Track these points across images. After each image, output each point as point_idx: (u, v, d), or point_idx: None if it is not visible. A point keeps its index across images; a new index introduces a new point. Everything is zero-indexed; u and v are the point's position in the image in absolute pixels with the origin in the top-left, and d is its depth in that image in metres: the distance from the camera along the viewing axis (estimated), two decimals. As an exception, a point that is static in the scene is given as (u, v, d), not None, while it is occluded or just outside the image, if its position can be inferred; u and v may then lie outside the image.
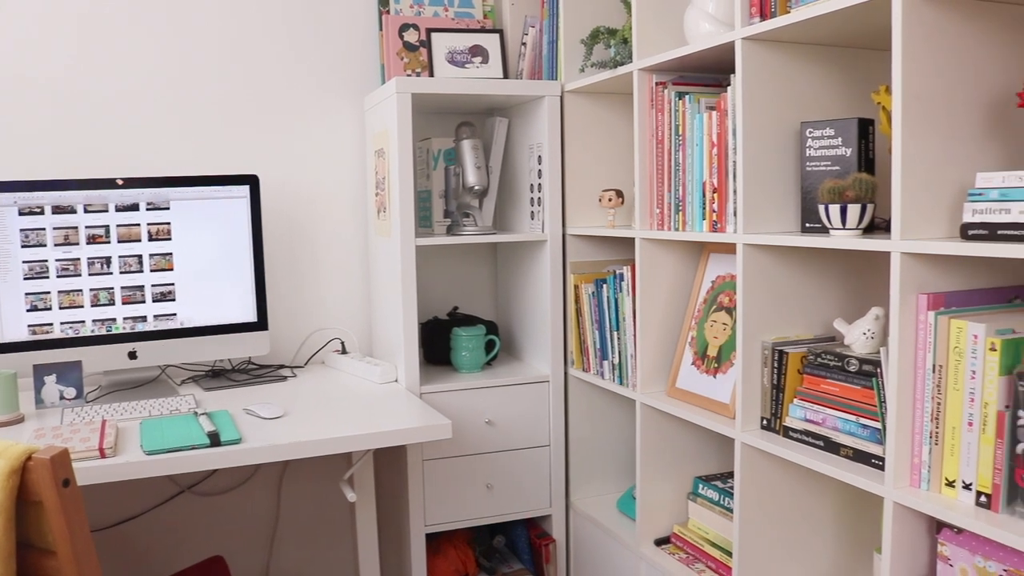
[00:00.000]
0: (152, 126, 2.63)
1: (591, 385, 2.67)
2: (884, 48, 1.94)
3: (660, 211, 2.18)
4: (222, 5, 2.67)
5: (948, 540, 1.54)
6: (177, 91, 2.65)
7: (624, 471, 2.77)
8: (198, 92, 2.67)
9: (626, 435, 2.76)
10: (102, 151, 2.59)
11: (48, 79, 2.52)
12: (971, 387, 1.42)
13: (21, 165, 2.51)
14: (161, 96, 2.63)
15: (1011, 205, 1.33)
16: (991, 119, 1.56)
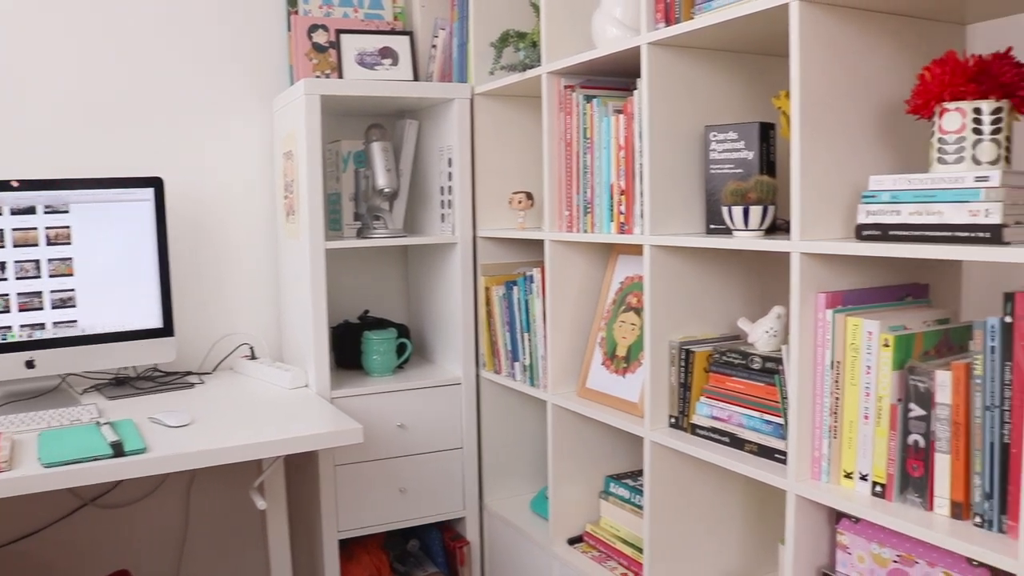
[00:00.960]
0: (50, 126, 2.54)
1: (503, 387, 2.68)
2: (784, 55, 2.00)
3: (569, 213, 2.20)
4: (124, 0, 2.60)
5: (847, 529, 1.60)
6: (77, 89, 2.57)
7: (537, 472, 2.78)
8: (99, 90, 2.59)
9: (538, 436, 2.78)
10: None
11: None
12: (867, 382, 1.47)
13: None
14: (60, 94, 2.55)
15: (901, 207, 1.38)
16: (883, 124, 1.62)
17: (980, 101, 1.37)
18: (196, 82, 2.70)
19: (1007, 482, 1.30)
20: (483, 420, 2.68)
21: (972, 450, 1.34)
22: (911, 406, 1.42)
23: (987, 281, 1.91)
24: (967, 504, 1.37)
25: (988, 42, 1.77)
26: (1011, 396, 1.28)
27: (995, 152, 1.36)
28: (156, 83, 2.65)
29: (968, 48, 1.78)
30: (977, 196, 1.29)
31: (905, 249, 1.35)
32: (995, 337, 1.28)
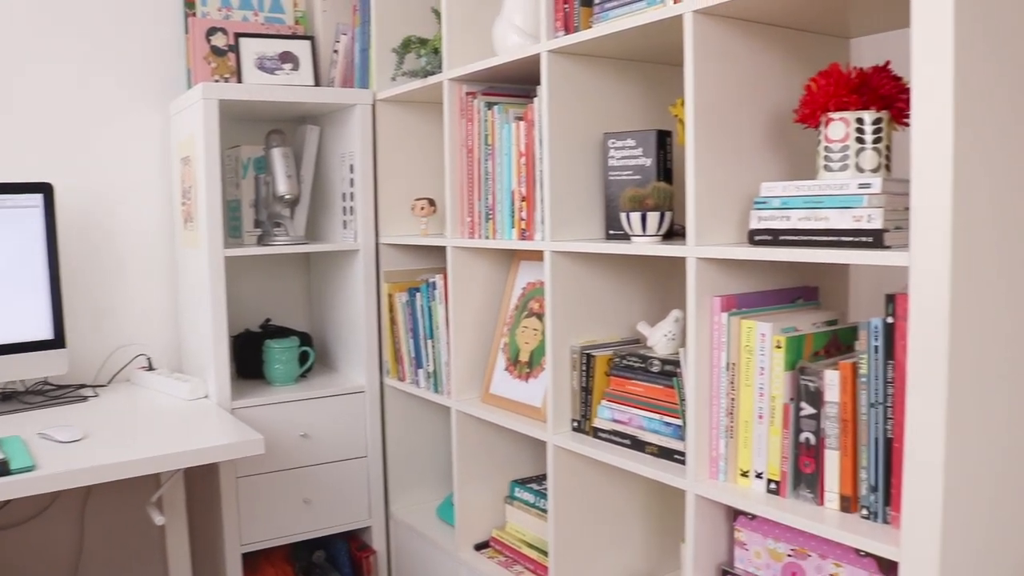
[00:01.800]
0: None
1: (407, 394, 2.67)
2: (680, 64, 2.05)
3: (471, 220, 2.21)
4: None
5: (744, 526, 1.64)
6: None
7: (443, 478, 2.78)
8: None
9: (443, 442, 2.77)
10: None
11: None
12: (760, 383, 1.52)
13: None
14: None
15: (791, 213, 1.43)
16: (774, 133, 1.68)
17: (862, 112, 1.43)
18: (89, 84, 2.62)
19: (890, 475, 1.35)
20: (388, 428, 2.66)
21: (858, 446, 1.40)
22: (802, 405, 1.47)
23: (873, 283, 1.99)
24: (855, 497, 1.42)
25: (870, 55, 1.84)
26: (893, 393, 1.33)
27: (876, 160, 1.42)
28: (47, 85, 2.56)
29: (852, 61, 1.85)
30: (860, 202, 1.34)
31: (794, 253, 1.40)
32: (878, 337, 1.34)
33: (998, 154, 1.26)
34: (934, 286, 1.20)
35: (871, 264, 1.33)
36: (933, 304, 1.21)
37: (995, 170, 1.26)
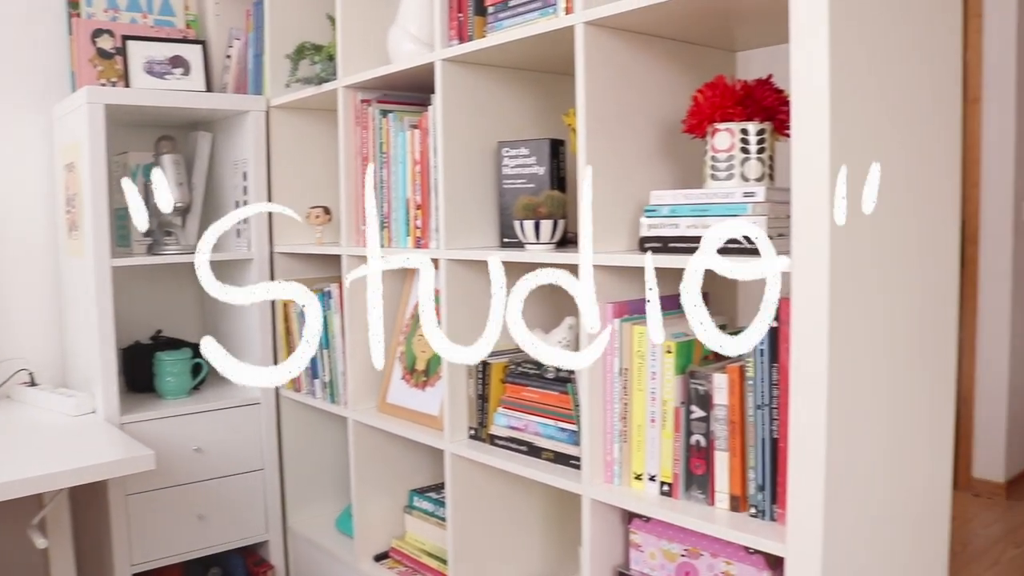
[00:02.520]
0: None
1: (303, 405, 2.63)
2: (573, 73, 2.07)
3: (366, 228, 2.19)
4: None
5: (639, 528, 1.67)
6: None
7: (341, 490, 2.75)
8: None
9: (341, 453, 2.74)
10: None
11: None
12: (652, 387, 1.55)
13: None
14: None
15: (679, 220, 1.47)
16: (664, 142, 1.72)
17: (747, 123, 1.47)
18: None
19: (777, 474, 1.40)
20: (284, 439, 2.62)
21: (747, 447, 1.44)
22: (693, 408, 1.50)
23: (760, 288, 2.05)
24: (744, 497, 1.46)
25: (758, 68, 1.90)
26: (778, 395, 1.38)
27: (760, 170, 1.46)
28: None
29: (738, 73, 1.91)
30: (745, 210, 1.38)
31: (683, 260, 1.43)
32: (763, 340, 1.38)
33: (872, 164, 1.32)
34: (813, 291, 1.25)
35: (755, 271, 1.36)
36: (813, 308, 1.25)
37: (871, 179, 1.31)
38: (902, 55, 1.38)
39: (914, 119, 1.42)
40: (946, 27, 1.49)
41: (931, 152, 1.46)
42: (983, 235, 3.92)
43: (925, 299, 1.48)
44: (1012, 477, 4.02)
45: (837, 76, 1.23)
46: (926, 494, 1.54)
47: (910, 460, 1.48)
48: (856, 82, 1.28)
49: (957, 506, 3.83)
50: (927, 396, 1.51)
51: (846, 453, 1.31)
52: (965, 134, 3.93)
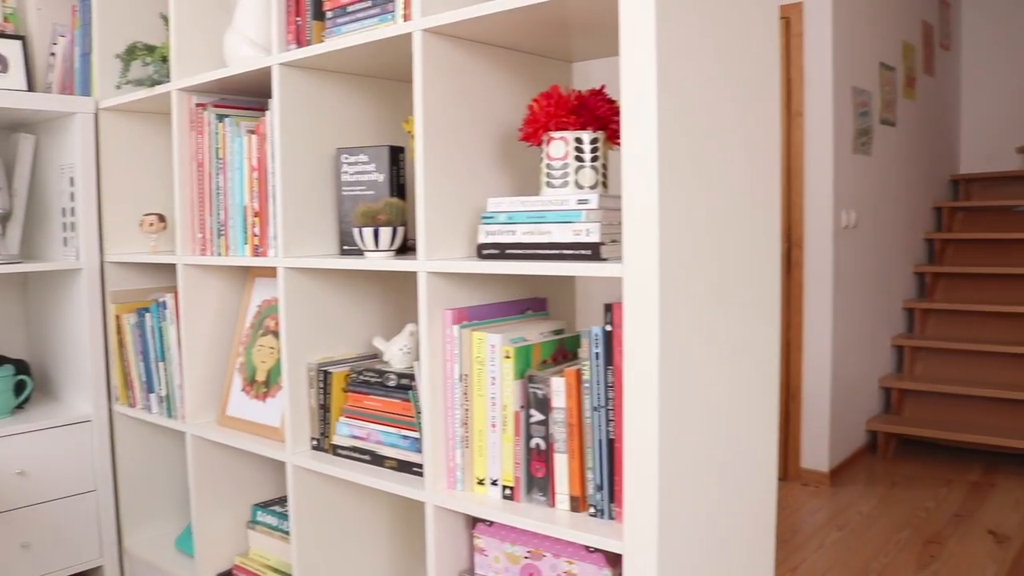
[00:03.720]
0: None
1: (139, 420, 2.52)
2: (412, 80, 2.07)
3: (202, 236, 2.12)
4: None
5: (482, 533, 1.68)
6: None
7: (182, 507, 2.64)
8: None
9: (181, 470, 2.64)
10: None
11: None
12: (492, 392, 1.56)
13: None
14: None
15: (516, 227, 1.49)
16: (502, 150, 1.74)
17: (581, 132, 1.51)
18: None
19: (614, 474, 1.43)
20: (118, 458, 2.49)
21: (585, 448, 1.47)
22: (532, 412, 1.53)
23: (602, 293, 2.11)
24: (583, 497, 1.49)
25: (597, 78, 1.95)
26: (614, 397, 1.41)
27: (594, 177, 1.50)
28: None
29: (575, 83, 1.96)
30: (579, 217, 1.42)
31: (519, 266, 1.45)
32: (599, 344, 1.41)
33: (700, 172, 1.37)
34: (644, 295, 1.29)
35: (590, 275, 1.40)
36: (643, 312, 1.29)
37: (697, 187, 1.37)
38: (726, 69, 1.45)
39: (737, 131, 1.49)
40: (765, 42, 1.57)
41: (754, 161, 1.54)
42: (807, 240, 4.15)
43: (749, 301, 1.55)
44: (835, 466, 4.27)
45: (664, 87, 1.28)
46: (754, 486, 1.62)
47: (738, 455, 1.55)
48: (683, 93, 1.33)
49: (787, 495, 4.04)
50: (753, 394, 1.58)
51: (678, 451, 1.36)
52: (789, 145, 4.16)
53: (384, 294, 2.06)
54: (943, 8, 5.69)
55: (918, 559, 3.29)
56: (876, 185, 4.61)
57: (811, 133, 4.10)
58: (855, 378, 4.48)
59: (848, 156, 4.23)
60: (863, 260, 4.49)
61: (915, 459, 4.61)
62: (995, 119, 6.14)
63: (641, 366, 1.31)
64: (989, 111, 6.16)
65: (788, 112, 4.15)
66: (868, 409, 4.70)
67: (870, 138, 4.47)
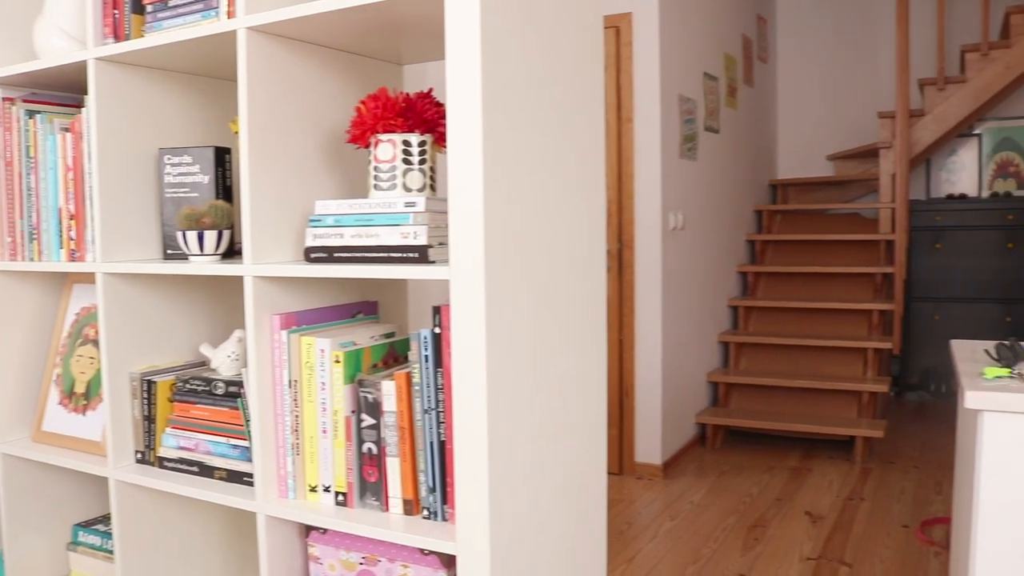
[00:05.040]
0: None
1: (-57, 439, 2.35)
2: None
3: (12, 240, 2.00)
4: None
5: (316, 541, 1.65)
6: None
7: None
8: None
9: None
10: None
11: None
12: (322, 397, 1.55)
13: None
14: None
15: (344, 230, 1.48)
16: (331, 152, 1.72)
17: (409, 134, 1.51)
18: None
19: (446, 475, 1.45)
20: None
21: (416, 451, 1.47)
22: (363, 416, 1.52)
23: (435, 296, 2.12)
24: (416, 500, 1.50)
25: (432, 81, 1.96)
26: (444, 399, 1.43)
27: (422, 180, 1.51)
28: None
29: (411, 86, 1.96)
30: (407, 220, 1.42)
31: (346, 270, 1.44)
32: (428, 347, 1.42)
33: (526, 175, 1.40)
34: (471, 297, 1.31)
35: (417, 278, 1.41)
36: (470, 313, 1.31)
37: (523, 190, 1.40)
38: (552, 74, 1.48)
39: (563, 135, 1.53)
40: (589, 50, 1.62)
41: (579, 165, 1.59)
42: (637, 242, 4.30)
43: (576, 301, 1.59)
44: (668, 459, 4.44)
45: (489, 91, 1.30)
46: (585, 481, 1.66)
47: (569, 452, 1.59)
48: (509, 97, 1.35)
49: (623, 489, 4.17)
50: (581, 392, 1.63)
51: (508, 450, 1.39)
52: (620, 150, 4.30)
53: (211, 299, 2.00)
54: (760, 23, 6.02)
55: (744, 542, 3.46)
56: (702, 189, 4.83)
57: (640, 138, 4.25)
58: (684, 374, 4.68)
59: (675, 161, 4.41)
60: (690, 261, 4.69)
61: (741, 448, 4.86)
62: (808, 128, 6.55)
63: (469, 367, 1.32)
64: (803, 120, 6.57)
65: (618, 118, 4.29)
66: (697, 403, 4.92)
67: (696, 144, 4.68)
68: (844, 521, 3.69)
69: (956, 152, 6.10)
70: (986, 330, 5.66)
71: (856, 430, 4.54)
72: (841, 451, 4.78)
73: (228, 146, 1.82)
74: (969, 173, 6.09)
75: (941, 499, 3.96)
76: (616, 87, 4.28)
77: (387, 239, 1.43)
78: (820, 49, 6.48)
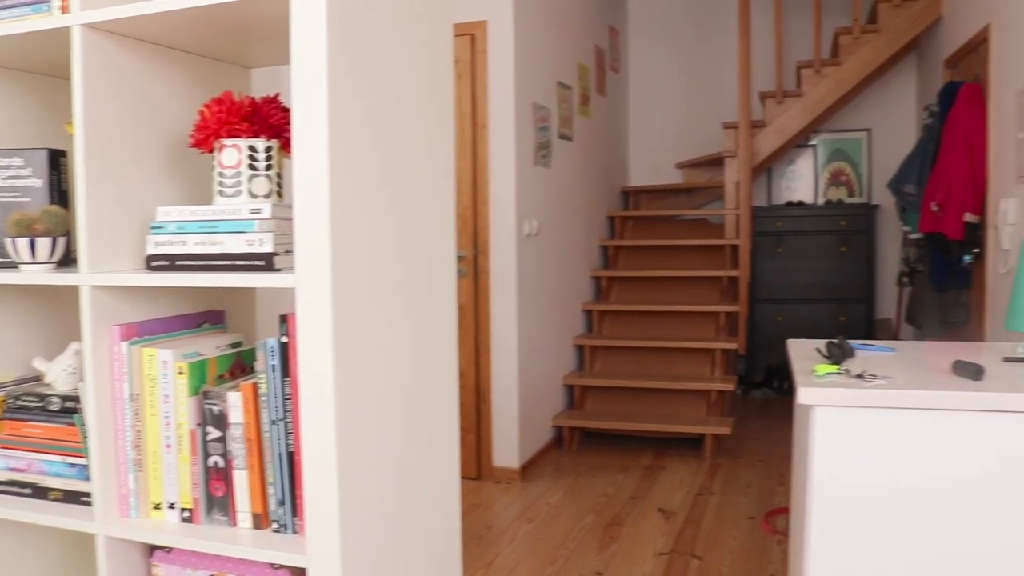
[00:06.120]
0: None
1: None
2: (74, 80, 1.93)
3: None
4: None
5: (161, 560, 1.59)
6: None
7: None
8: None
9: None
10: None
11: None
12: (166, 411, 1.49)
13: None
14: None
15: (187, 237, 1.43)
16: (174, 157, 1.66)
17: (254, 139, 1.48)
18: None
19: (295, 487, 1.42)
20: None
21: (265, 463, 1.44)
22: (208, 429, 1.47)
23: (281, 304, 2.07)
24: (265, 513, 1.46)
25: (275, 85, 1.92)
26: (292, 409, 1.40)
27: (268, 187, 1.48)
28: None
29: (255, 90, 1.92)
30: (252, 227, 1.39)
31: (190, 278, 1.40)
32: (275, 356, 1.39)
33: (373, 182, 1.40)
34: (317, 305, 1.29)
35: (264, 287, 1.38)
36: (317, 322, 1.29)
37: (371, 197, 1.39)
38: (401, 81, 1.48)
39: (412, 142, 1.53)
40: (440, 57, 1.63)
41: (429, 172, 1.59)
42: (493, 248, 4.34)
43: (426, 308, 1.60)
44: (525, 462, 4.50)
45: (336, 96, 1.29)
46: (439, 488, 1.66)
47: (421, 459, 1.59)
48: (356, 103, 1.34)
49: (481, 493, 4.19)
50: (432, 399, 1.63)
51: (358, 460, 1.37)
52: (475, 157, 4.33)
53: (45, 310, 1.90)
54: (612, 34, 6.19)
55: (600, 541, 3.54)
56: (556, 196, 4.92)
57: (495, 145, 4.29)
58: (541, 378, 4.75)
59: (529, 168, 4.48)
60: (545, 266, 4.77)
61: (597, 450, 4.97)
62: (658, 136, 6.77)
63: (316, 377, 1.31)
64: (653, 129, 6.78)
65: (474, 125, 4.32)
66: (554, 406, 5.00)
67: (550, 151, 4.76)
68: (695, 516, 3.83)
69: (794, 162, 6.43)
70: (823, 329, 5.99)
71: (705, 428, 4.71)
72: (692, 449, 4.95)
73: (64, 148, 1.73)
74: (806, 182, 6.43)
75: (784, 490, 4.16)
76: (471, 94, 4.30)
77: (232, 247, 1.39)
78: (669, 61, 6.71)
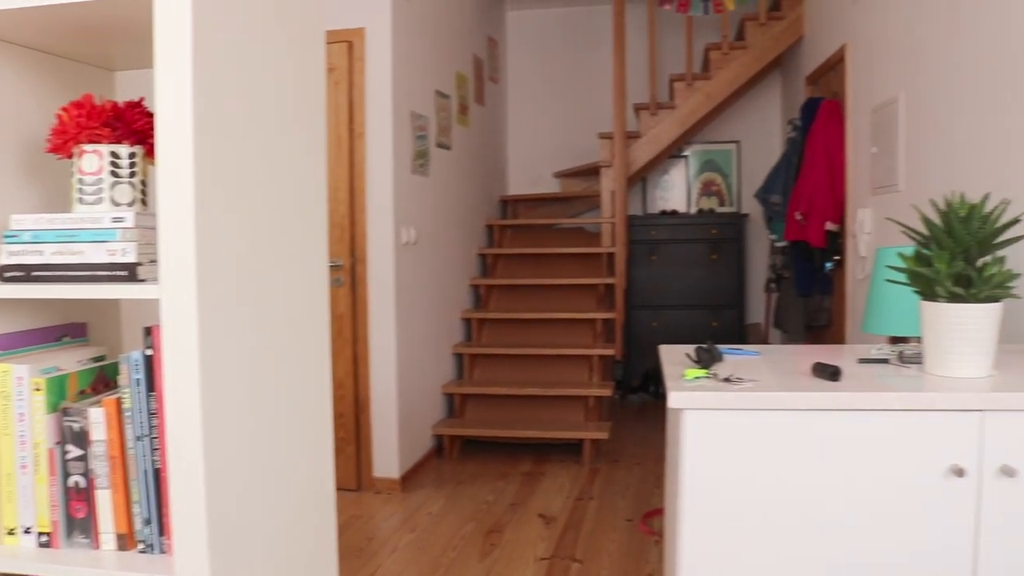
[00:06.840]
0: None
1: None
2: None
3: None
4: None
5: (16, 588, 1.51)
6: None
7: None
8: None
9: None
10: None
11: None
12: (21, 429, 1.42)
13: None
14: None
15: (43, 247, 1.36)
16: (31, 163, 1.59)
17: (117, 145, 1.42)
18: None
19: (162, 505, 1.37)
20: None
21: (130, 481, 1.39)
22: (68, 448, 1.41)
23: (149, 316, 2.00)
24: (131, 534, 1.40)
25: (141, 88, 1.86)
26: (158, 424, 1.35)
27: (132, 194, 1.43)
28: None
29: (119, 94, 1.85)
30: (114, 236, 1.34)
31: (46, 289, 1.34)
32: (139, 370, 1.34)
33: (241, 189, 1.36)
34: (182, 316, 1.25)
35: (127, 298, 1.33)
36: (182, 334, 1.25)
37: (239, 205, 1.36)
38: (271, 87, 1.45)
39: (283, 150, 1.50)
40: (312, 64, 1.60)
41: (301, 179, 1.56)
42: (371, 256, 4.30)
43: (297, 319, 1.57)
44: (406, 472, 4.47)
45: (202, 101, 1.25)
46: (312, 500, 1.64)
47: (293, 472, 1.56)
48: (224, 108, 1.31)
49: (361, 505, 4.14)
50: (305, 410, 1.60)
51: (226, 475, 1.34)
52: (352, 165, 4.29)
53: None
54: (491, 44, 6.23)
55: (481, 548, 3.55)
56: (434, 204, 4.91)
57: (372, 153, 4.26)
58: (420, 386, 4.73)
59: (407, 176, 4.46)
60: (424, 275, 4.75)
61: (477, 457, 4.98)
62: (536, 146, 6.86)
63: (182, 390, 1.26)
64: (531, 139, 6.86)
65: (351, 132, 4.28)
66: (433, 415, 4.98)
67: (427, 160, 4.76)
68: (575, 520, 3.88)
69: (668, 172, 6.61)
70: (697, 334, 6.17)
71: (584, 433, 4.78)
72: (571, 454, 5.02)
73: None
74: (679, 191, 6.61)
75: (660, 492, 4.26)
76: (348, 102, 4.26)
77: (93, 256, 1.34)
78: (547, 72, 6.80)
